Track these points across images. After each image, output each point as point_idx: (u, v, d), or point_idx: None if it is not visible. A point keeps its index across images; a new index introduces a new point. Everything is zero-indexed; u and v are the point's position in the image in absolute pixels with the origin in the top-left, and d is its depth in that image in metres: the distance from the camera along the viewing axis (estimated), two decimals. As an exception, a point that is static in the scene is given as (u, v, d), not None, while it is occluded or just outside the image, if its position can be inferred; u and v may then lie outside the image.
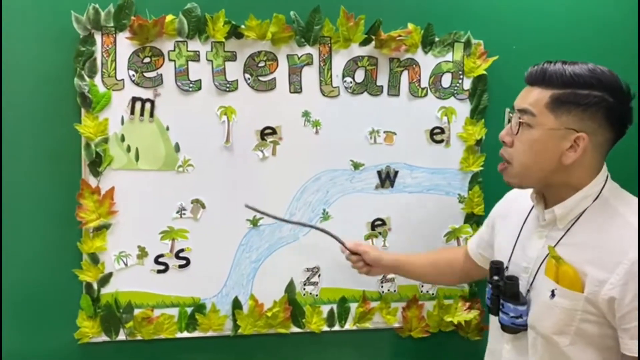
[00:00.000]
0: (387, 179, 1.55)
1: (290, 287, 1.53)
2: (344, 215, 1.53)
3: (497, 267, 1.13)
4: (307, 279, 1.54)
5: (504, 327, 1.09)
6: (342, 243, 1.41)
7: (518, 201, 1.21)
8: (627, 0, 1.64)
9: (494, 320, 1.17)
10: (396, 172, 1.55)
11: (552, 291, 1.01)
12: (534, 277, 1.07)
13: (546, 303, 1.03)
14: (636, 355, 0.94)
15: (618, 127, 1.02)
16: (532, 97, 1.02)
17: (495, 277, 1.12)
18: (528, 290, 1.08)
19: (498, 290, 1.10)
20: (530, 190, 1.14)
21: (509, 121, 1.06)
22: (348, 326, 1.57)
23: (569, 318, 0.99)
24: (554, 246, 1.03)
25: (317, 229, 1.42)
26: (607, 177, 1.05)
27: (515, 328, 1.07)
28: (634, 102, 1.61)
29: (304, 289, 1.54)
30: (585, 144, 0.99)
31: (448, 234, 1.59)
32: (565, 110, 0.99)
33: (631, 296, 0.93)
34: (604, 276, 0.95)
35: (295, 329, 1.54)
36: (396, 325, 1.59)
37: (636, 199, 1.05)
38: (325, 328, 1.55)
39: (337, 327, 1.56)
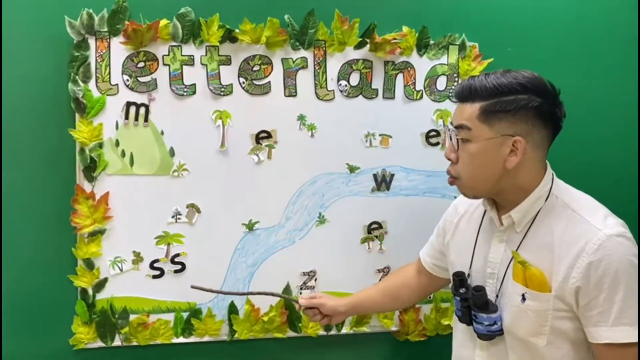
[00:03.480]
0: (383, 182, 1.55)
1: (286, 291, 1.52)
2: (340, 218, 1.53)
3: (460, 279, 1.14)
4: (304, 282, 1.53)
5: (480, 336, 1.10)
6: (295, 301, 1.35)
7: (465, 207, 1.23)
8: (622, 3, 1.64)
9: (460, 327, 1.18)
10: (392, 175, 1.55)
11: (523, 295, 1.04)
12: (501, 283, 1.09)
13: (518, 307, 1.05)
14: (598, 341, 0.97)
15: (552, 124, 1.06)
16: (465, 113, 1.05)
17: (462, 290, 1.12)
18: (497, 296, 1.09)
19: (467, 302, 1.11)
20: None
21: (450, 139, 1.09)
22: (345, 330, 1.56)
23: (542, 319, 1.02)
24: (517, 250, 1.06)
25: (265, 294, 1.34)
26: (552, 175, 1.09)
27: (492, 335, 1.09)
28: (634, 102, 1.65)
29: (301, 292, 1.53)
30: (523, 145, 1.02)
31: (444, 236, 1.58)
32: (496, 118, 1.02)
33: (594, 284, 0.97)
34: (566, 272, 0.99)
35: (291, 334, 1.53)
36: (393, 328, 1.58)
37: (582, 193, 1.09)
38: (322, 332, 1.55)
39: (333, 331, 1.56)
